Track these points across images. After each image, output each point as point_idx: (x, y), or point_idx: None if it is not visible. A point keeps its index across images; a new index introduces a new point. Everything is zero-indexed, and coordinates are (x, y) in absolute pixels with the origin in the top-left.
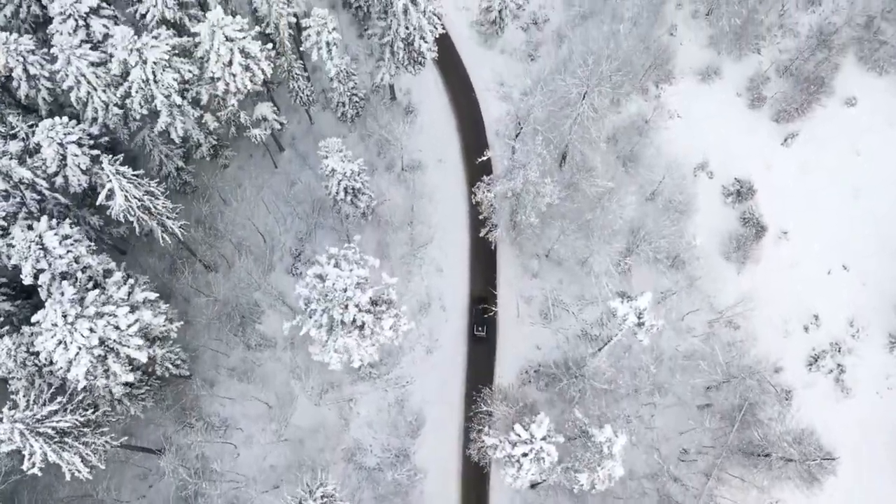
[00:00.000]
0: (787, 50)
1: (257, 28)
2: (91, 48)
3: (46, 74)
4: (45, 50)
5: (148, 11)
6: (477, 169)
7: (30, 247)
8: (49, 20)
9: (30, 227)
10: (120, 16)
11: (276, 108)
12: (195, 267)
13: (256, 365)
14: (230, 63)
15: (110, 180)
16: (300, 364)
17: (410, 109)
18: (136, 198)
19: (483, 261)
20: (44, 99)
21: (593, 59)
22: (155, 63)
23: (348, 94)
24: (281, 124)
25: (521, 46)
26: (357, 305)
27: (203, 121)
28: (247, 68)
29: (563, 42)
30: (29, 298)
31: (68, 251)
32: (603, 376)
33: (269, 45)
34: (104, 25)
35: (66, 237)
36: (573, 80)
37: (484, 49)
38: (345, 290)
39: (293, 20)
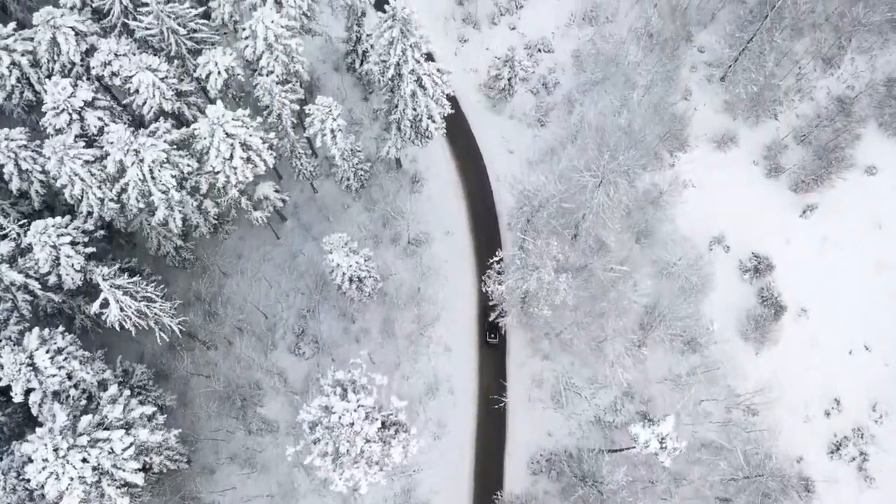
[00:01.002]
0: (805, 115)
1: (259, 119)
2: (85, 144)
3: (39, 169)
4: (38, 142)
5: (145, 103)
6: (486, 242)
7: (20, 369)
8: (42, 102)
9: (19, 343)
10: (116, 106)
11: (278, 186)
12: (194, 348)
13: (258, 451)
14: (231, 157)
15: (104, 291)
16: (303, 450)
17: (417, 179)
18: (132, 306)
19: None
20: (37, 192)
21: (609, 153)
22: (152, 162)
23: (353, 169)
24: (283, 201)
25: (531, 112)
26: (365, 437)
27: (203, 207)
28: (248, 160)
29: (574, 107)
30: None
31: (60, 367)
32: (618, 483)
33: (272, 135)
34: (99, 118)
35: (58, 351)
36: (588, 172)
37: (492, 114)
38: (351, 425)
39: (296, 107)
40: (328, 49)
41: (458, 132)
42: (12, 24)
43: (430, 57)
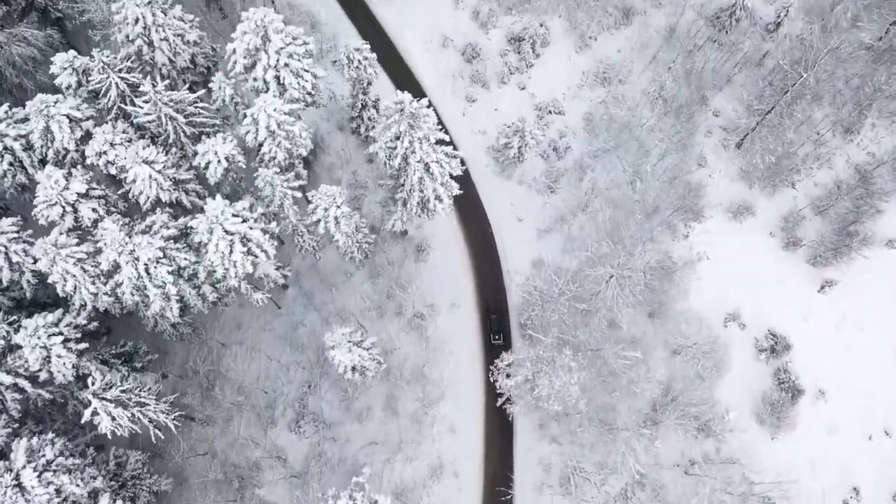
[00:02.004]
0: (823, 184)
1: (260, 210)
2: (79, 236)
3: (31, 261)
4: (30, 231)
5: (142, 193)
6: (493, 315)
7: (5, 491)
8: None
9: (5, 456)
10: (111, 194)
11: (279, 263)
12: (191, 430)
13: None
14: (231, 252)
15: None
16: None
17: (422, 248)
18: (124, 416)
19: (499, 421)
20: (28, 281)
21: (624, 253)
22: (148, 260)
23: (357, 244)
24: (285, 277)
25: (541, 177)
26: None
27: (201, 292)
28: (248, 251)
29: (586, 174)
30: None
31: (49, 483)
32: None
33: (273, 224)
34: (93, 209)
35: (47, 464)
36: (603, 269)
37: (501, 178)
38: None
39: (298, 194)
40: (333, 107)
41: (466, 198)
42: (5, 106)
43: (440, 140)
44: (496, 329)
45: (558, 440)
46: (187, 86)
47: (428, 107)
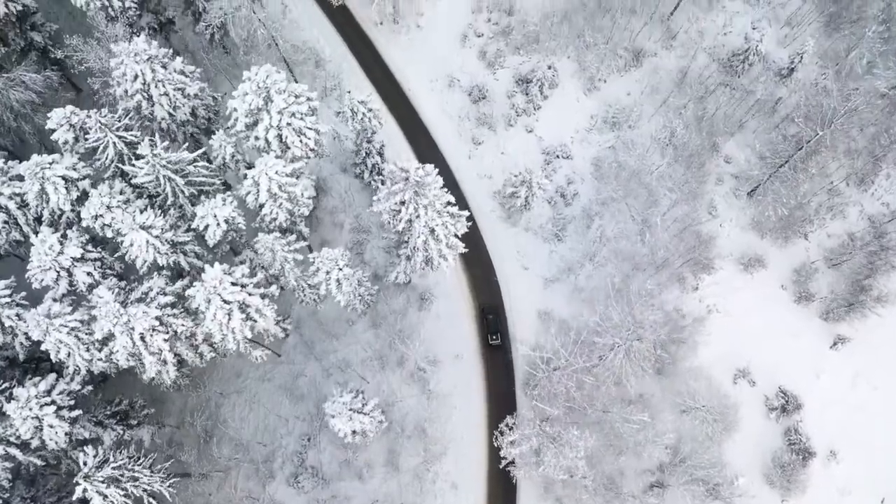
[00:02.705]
0: (837, 234)
1: (260, 275)
2: (73, 302)
3: (24, 326)
4: (24, 293)
5: (138, 257)
6: (499, 369)
7: None
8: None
9: None
10: (107, 256)
11: (279, 316)
12: (188, 488)
13: None
14: (229, 319)
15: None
16: None
17: (426, 296)
18: (118, 495)
19: (502, 480)
20: (21, 343)
21: (632, 320)
22: (144, 330)
23: (359, 297)
24: (285, 330)
25: (548, 224)
26: None
27: (199, 351)
28: (247, 317)
29: (594, 221)
30: None
31: None
32: None
33: (273, 287)
34: (88, 273)
35: None
36: (613, 336)
37: (507, 225)
38: None
39: (300, 256)
40: (336, 148)
41: (471, 244)
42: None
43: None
44: (493, 329)
45: (562, 500)
46: (186, 144)
47: (435, 171)
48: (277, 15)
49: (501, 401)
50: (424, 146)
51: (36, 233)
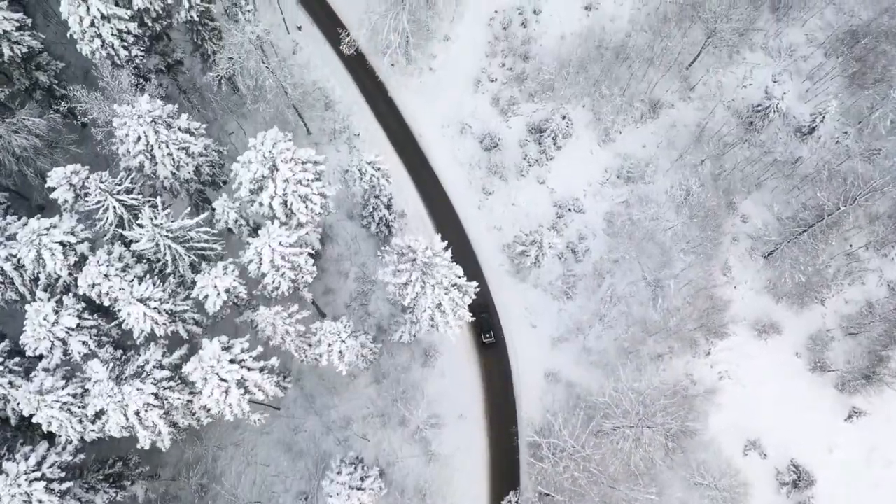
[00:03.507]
0: (855, 300)
1: (260, 348)
2: (67, 373)
3: (15, 399)
4: (17, 360)
5: (134, 328)
6: (502, 432)
7: None
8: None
9: None
10: (103, 324)
11: (280, 374)
12: None
13: None
14: (227, 393)
15: None
16: None
17: (430, 353)
18: None
19: None
20: (13, 409)
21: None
22: (138, 408)
23: (361, 357)
24: (284, 389)
25: (557, 281)
26: None
27: (196, 415)
28: (246, 391)
29: (604, 279)
30: None
31: None
32: None
33: (273, 359)
34: (83, 343)
35: None
36: (623, 420)
37: (515, 280)
38: None
39: (301, 328)
40: (343, 193)
41: (478, 300)
42: None
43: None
44: (486, 328)
45: None
46: (188, 210)
47: (444, 249)
48: (288, 53)
49: (504, 467)
50: (434, 195)
51: (33, 293)
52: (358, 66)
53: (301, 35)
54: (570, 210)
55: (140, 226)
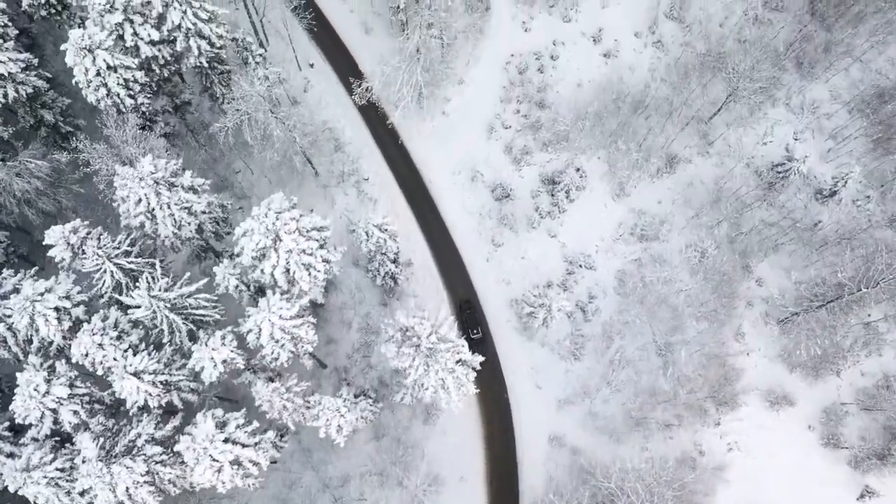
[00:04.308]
0: (871, 373)
1: (256, 423)
2: (54, 447)
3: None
4: (7, 423)
5: (127, 399)
6: (503, 499)
7: None
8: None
9: None
10: (96, 391)
11: (278, 435)
12: None
13: None
14: (220, 471)
15: None
16: None
17: (431, 410)
18: None
19: None
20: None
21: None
22: (128, 485)
23: (361, 419)
24: (280, 448)
25: (565, 341)
26: None
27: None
28: (240, 466)
29: (614, 341)
30: None
31: None
32: None
33: (270, 433)
34: (75, 412)
35: None
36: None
37: (522, 338)
38: None
39: (299, 400)
40: (349, 240)
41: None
42: None
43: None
44: (471, 324)
45: None
46: (187, 276)
47: (451, 330)
48: (299, 90)
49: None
50: (442, 245)
51: (26, 353)
52: (369, 108)
53: (313, 72)
54: (580, 266)
55: (138, 290)
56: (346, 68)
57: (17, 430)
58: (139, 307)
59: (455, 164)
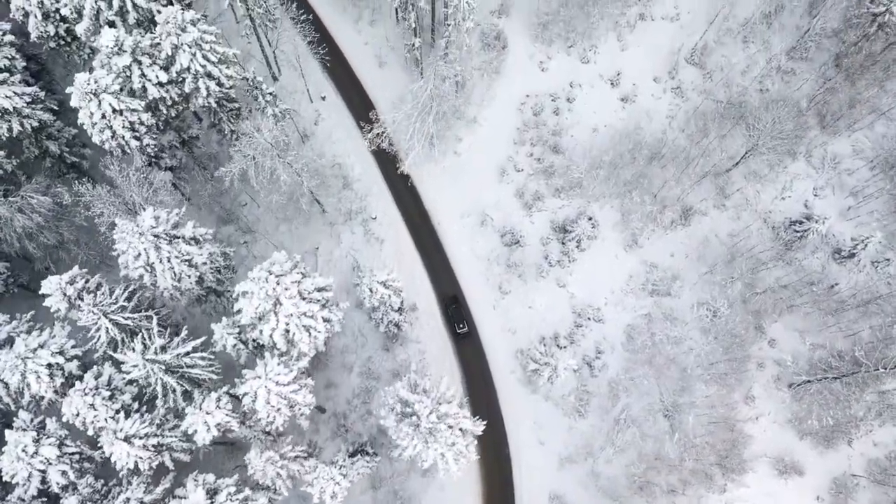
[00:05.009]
0: (884, 444)
1: (248, 491)
2: None
3: None
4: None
5: (117, 462)
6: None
7: None
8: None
9: None
10: (85, 450)
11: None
12: None
13: None
14: None
15: None
16: None
17: (429, 469)
18: None
19: None
20: None
21: None
22: None
23: (356, 472)
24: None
25: (570, 396)
26: None
27: None
28: None
29: (619, 398)
30: None
31: None
32: None
33: (261, 500)
34: (63, 473)
35: None
36: None
37: (526, 391)
38: None
39: (295, 466)
40: (351, 281)
41: (484, 408)
42: None
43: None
44: (457, 319)
45: None
46: (185, 333)
47: (455, 409)
48: (309, 123)
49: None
50: (448, 290)
51: (17, 405)
52: (380, 145)
53: (325, 105)
54: (589, 319)
55: (132, 351)
56: (359, 102)
57: (4, 485)
58: (134, 367)
59: (465, 207)
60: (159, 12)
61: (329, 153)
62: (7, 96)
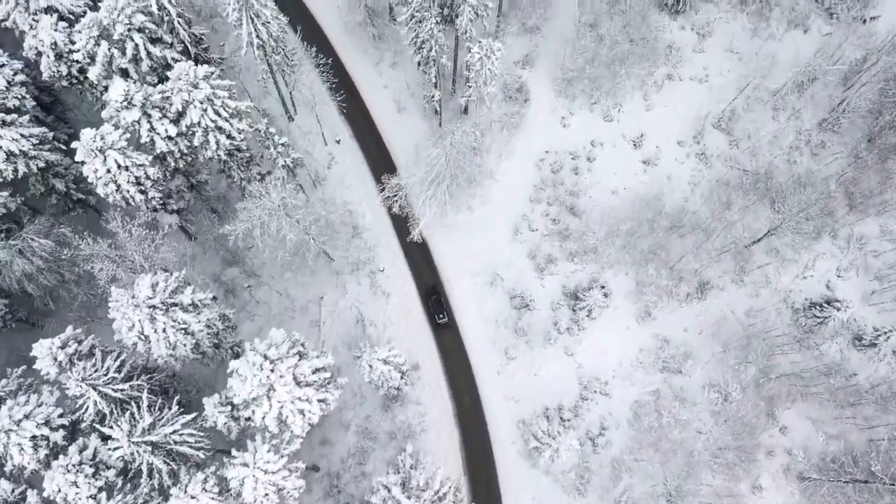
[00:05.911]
0: None
1: None
2: None
3: None
4: None
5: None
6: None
7: None
8: None
9: None
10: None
11: None
12: None
13: None
14: None
15: None
16: None
17: None
18: None
19: None
20: None
21: None
22: None
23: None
24: None
25: (571, 472)
26: None
27: None
28: None
29: (622, 478)
30: None
31: None
32: None
33: None
34: None
35: None
36: None
37: (526, 463)
38: None
39: None
40: (350, 333)
41: (484, 482)
42: None
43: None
44: (437, 310)
45: None
46: (180, 409)
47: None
48: (323, 166)
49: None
50: (452, 351)
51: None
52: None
53: (339, 148)
54: (595, 392)
55: (119, 429)
56: (375, 147)
57: None
58: (119, 448)
59: (475, 265)
60: (174, 59)
61: (340, 199)
62: (14, 139)
